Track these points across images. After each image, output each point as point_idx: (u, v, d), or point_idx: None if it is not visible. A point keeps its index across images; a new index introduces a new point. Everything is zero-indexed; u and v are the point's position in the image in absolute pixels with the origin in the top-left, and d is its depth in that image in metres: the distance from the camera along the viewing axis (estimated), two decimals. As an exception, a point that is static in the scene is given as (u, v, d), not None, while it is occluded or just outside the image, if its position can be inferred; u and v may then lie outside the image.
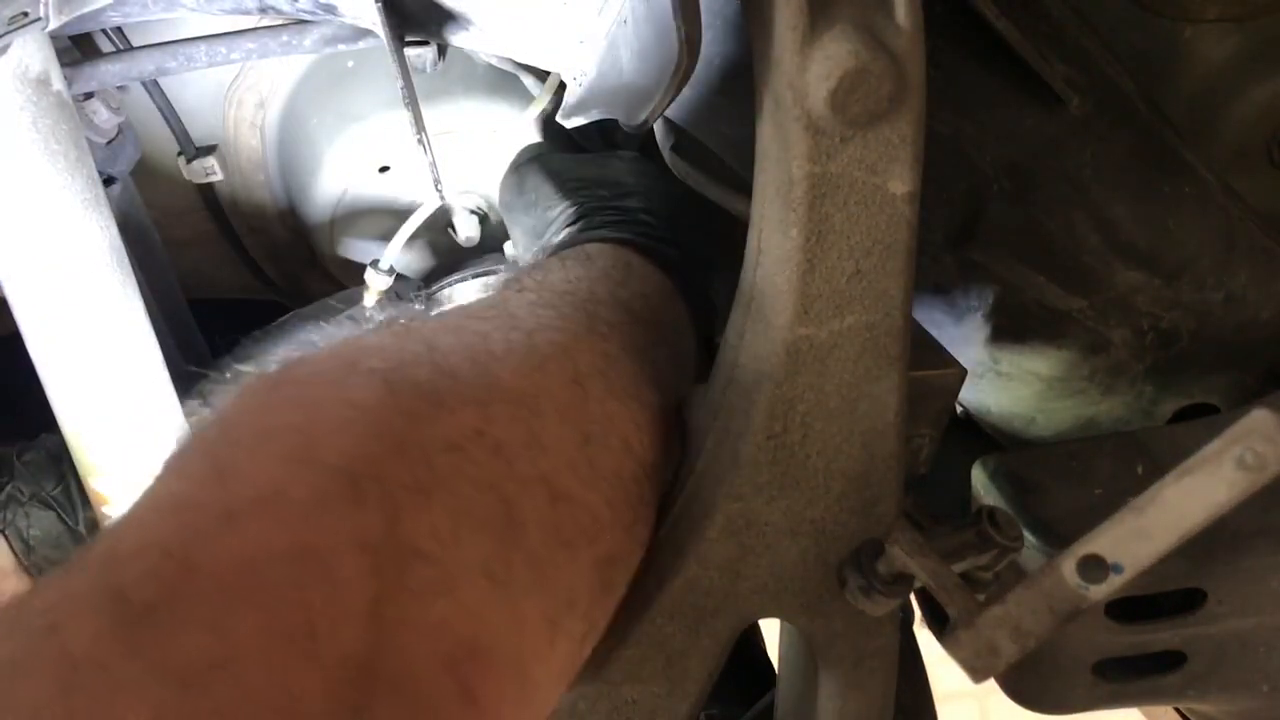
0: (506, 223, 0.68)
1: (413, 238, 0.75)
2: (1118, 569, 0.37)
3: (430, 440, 0.37)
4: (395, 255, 0.72)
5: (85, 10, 0.56)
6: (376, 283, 0.73)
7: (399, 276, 0.76)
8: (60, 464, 0.67)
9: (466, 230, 0.77)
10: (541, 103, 0.61)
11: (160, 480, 0.35)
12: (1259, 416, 0.35)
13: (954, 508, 0.63)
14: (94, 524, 0.65)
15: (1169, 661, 0.62)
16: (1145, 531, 0.37)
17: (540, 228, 0.63)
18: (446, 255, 0.78)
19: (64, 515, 0.65)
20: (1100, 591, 0.38)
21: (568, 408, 0.43)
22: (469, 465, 0.37)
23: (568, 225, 0.60)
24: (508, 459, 0.38)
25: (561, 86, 0.61)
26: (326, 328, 0.72)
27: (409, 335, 0.42)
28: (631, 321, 0.50)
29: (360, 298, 0.74)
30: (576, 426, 0.42)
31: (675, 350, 0.52)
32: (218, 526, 0.31)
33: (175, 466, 0.36)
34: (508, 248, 0.78)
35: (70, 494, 0.66)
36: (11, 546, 0.64)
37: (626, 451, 0.44)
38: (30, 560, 0.64)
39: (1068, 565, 0.38)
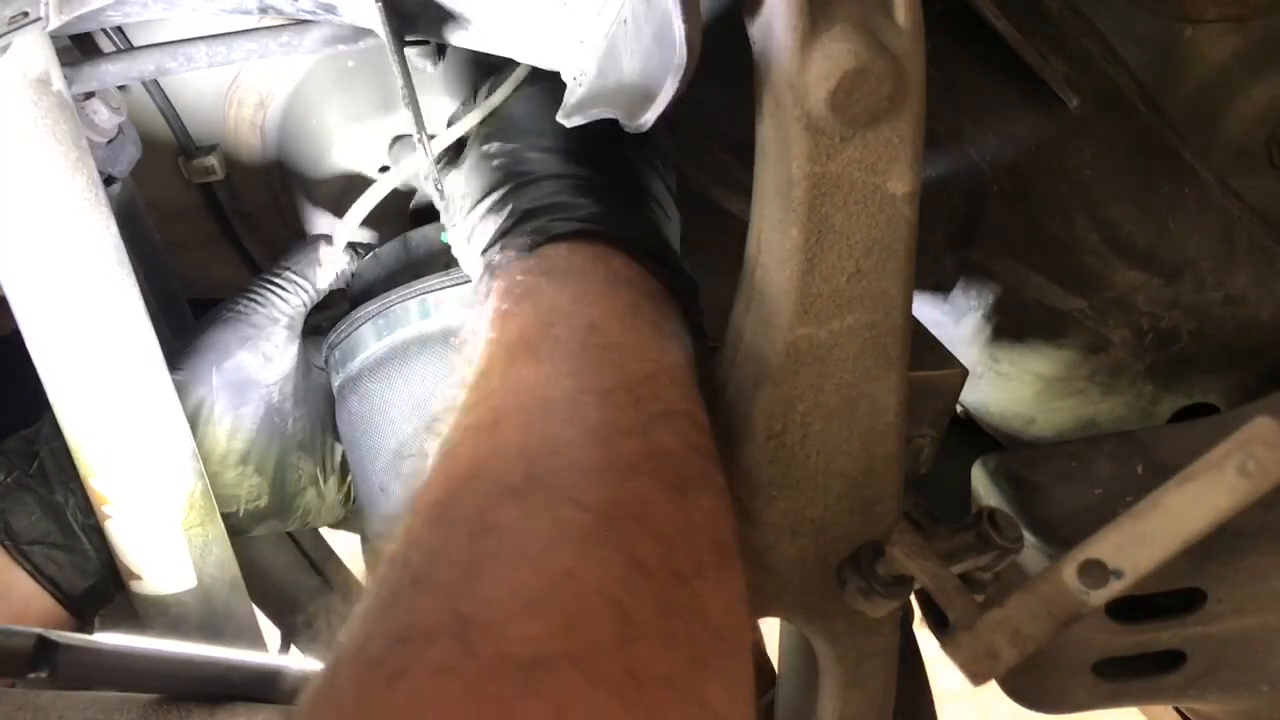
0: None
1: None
2: (1118, 574, 0.37)
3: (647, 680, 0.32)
4: (350, 232, 0.70)
5: (85, 10, 0.55)
6: (332, 261, 0.72)
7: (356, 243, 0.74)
8: (34, 444, 0.67)
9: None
10: (503, 93, 0.60)
11: None
12: (1261, 424, 0.35)
13: (954, 508, 0.63)
14: (78, 497, 0.65)
15: (1169, 661, 0.62)
16: (1147, 537, 0.37)
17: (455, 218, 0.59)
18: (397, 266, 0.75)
19: (41, 491, 0.65)
20: (1100, 596, 0.38)
21: (735, 576, 0.39)
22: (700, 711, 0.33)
23: (495, 220, 0.55)
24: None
25: (526, 79, 0.60)
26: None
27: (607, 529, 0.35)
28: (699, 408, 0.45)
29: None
30: (740, 604, 0.39)
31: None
32: None
33: None
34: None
35: (46, 471, 0.65)
36: None
37: None
38: (10, 540, 0.64)
39: (1068, 570, 0.38)
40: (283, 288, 0.71)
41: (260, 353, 0.70)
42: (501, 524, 0.35)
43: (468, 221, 0.57)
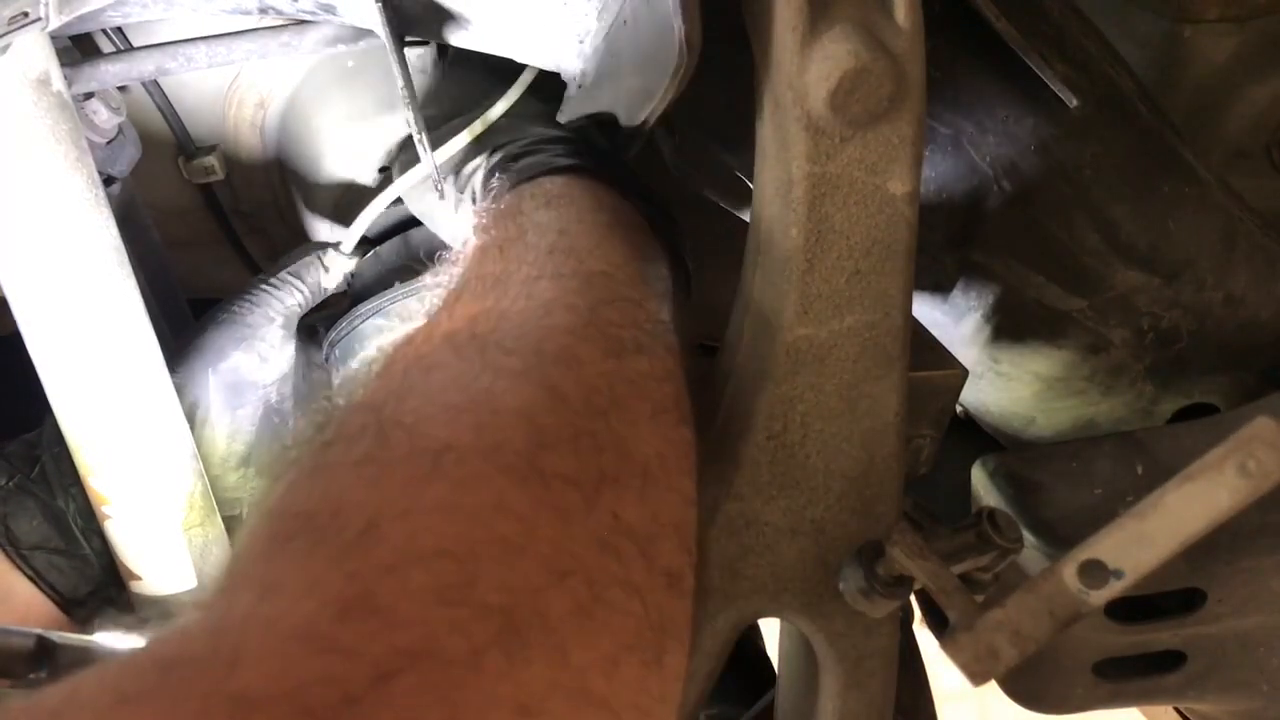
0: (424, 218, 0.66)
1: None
2: (1119, 574, 0.37)
3: (585, 544, 0.33)
4: (358, 237, 0.71)
5: (85, 10, 0.55)
6: (339, 265, 0.72)
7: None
8: (36, 448, 0.67)
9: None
10: (510, 98, 0.60)
11: (281, 574, 0.29)
12: (1261, 424, 0.35)
13: (954, 508, 0.63)
14: (79, 502, 0.65)
15: (1169, 661, 0.62)
16: (1147, 537, 0.37)
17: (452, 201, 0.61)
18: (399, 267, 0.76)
19: (42, 496, 0.65)
20: (1100, 596, 0.38)
21: (679, 468, 0.40)
22: (620, 567, 0.34)
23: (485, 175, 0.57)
24: (645, 550, 0.35)
25: (536, 82, 0.61)
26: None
27: (531, 382, 0.37)
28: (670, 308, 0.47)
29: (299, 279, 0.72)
30: (678, 499, 0.40)
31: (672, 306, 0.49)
32: (366, 687, 0.25)
33: (305, 559, 0.30)
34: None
35: (47, 475, 0.65)
36: None
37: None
38: (11, 545, 0.64)
39: (1068, 570, 0.38)
40: (277, 287, 0.71)
41: (255, 353, 0.70)
42: (434, 362, 0.38)
43: (454, 190, 0.59)
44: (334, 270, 0.72)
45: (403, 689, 0.26)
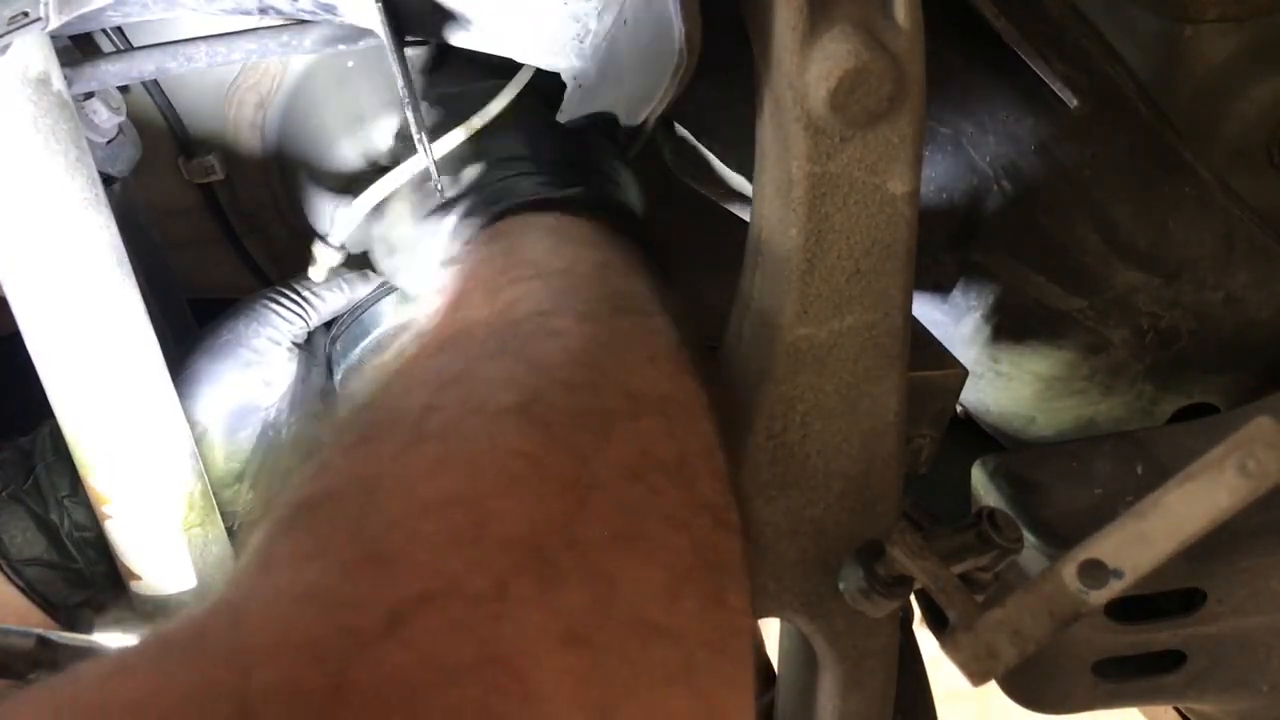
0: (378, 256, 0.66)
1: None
2: (1118, 574, 0.37)
3: (609, 474, 0.32)
4: (347, 231, 0.70)
5: (85, 10, 0.55)
6: (325, 257, 0.71)
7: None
8: (30, 458, 0.66)
9: None
10: (507, 97, 0.60)
11: (282, 549, 0.29)
12: (1262, 424, 0.35)
13: (954, 508, 0.63)
14: (72, 514, 0.65)
15: (1169, 661, 0.62)
16: (1147, 537, 0.37)
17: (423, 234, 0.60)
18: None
19: (35, 508, 0.65)
20: (1100, 596, 0.38)
21: (695, 409, 0.39)
22: (656, 498, 0.33)
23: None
24: (681, 482, 0.34)
25: (532, 81, 0.60)
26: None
27: (509, 356, 0.37)
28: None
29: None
30: (704, 435, 0.39)
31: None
32: (381, 632, 0.25)
33: (307, 534, 0.29)
34: None
35: (40, 486, 0.65)
36: None
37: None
38: (3, 557, 0.64)
39: (1068, 570, 0.38)
40: (286, 307, 0.70)
41: (260, 379, 0.69)
42: (411, 364, 0.39)
43: (424, 226, 0.59)
44: (321, 262, 0.71)
45: (422, 627, 0.25)
